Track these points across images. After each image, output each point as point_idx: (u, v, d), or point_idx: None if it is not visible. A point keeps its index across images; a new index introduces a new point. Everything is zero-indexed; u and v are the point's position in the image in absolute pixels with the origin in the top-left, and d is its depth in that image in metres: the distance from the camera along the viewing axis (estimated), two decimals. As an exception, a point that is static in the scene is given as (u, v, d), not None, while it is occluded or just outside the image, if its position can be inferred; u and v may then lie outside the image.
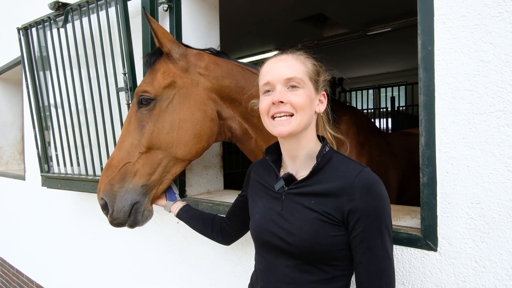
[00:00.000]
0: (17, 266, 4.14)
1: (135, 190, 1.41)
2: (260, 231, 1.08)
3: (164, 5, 1.95)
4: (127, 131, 1.45)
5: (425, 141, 1.14)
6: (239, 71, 1.53)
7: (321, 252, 0.97)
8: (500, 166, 1.01)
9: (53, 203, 3.26)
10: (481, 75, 1.03)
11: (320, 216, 0.97)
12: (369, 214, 0.94)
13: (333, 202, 0.97)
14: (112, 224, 1.44)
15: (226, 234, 1.42)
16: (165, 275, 2.19)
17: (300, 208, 1.01)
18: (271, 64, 1.07)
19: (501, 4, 1.00)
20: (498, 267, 1.03)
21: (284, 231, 1.01)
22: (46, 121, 2.70)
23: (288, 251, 1.00)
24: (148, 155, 1.41)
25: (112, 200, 1.40)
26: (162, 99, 1.42)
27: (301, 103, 1.00)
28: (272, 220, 1.05)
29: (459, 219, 1.09)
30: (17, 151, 4.73)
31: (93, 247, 2.82)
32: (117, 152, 1.43)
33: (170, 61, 1.47)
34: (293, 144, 1.06)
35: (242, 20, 4.68)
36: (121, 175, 1.40)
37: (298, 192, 1.03)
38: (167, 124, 1.41)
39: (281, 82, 1.02)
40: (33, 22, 2.55)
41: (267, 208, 1.08)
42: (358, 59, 7.31)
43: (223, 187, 2.28)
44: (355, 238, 0.96)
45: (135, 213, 1.42)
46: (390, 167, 2.07)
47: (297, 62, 1.04)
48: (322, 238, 0.96)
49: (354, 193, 0.95)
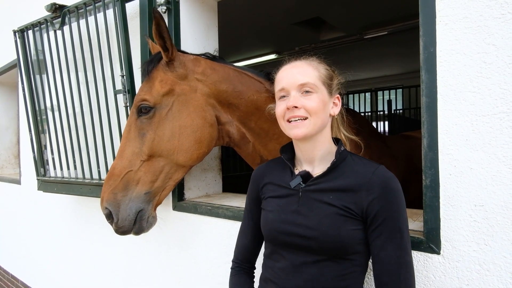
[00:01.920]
0: (13, 272, 4.09)
1: (138, 198, 1.41)
2: (275, 231, 1.08)
3: (162, 7, 1.93)
4: (127, 139, 1.45)
5: (428, 143, 1.13)
6: (236, 75, 1.54)
7: (340, 245, 0.99)
8: (504, 168, 1.01)
9: (49, 207, 3.22)
10: (484, 77, 1.03)
11: (339, 211, 1.00)
12: (388, 209, 0.97)
13: (352, 197, 1.01)
14: (117, 232, 1.43)
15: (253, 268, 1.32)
16: (163, 279, 2.16)
17: (318, 203, 1.03)
18: (285, 70, 1.12)
19: (504, 5, 0.99)
20: (502, 270, 1.02)
21: (302, 227, 1.02)
22: (42, 125, 2.67)
23: (307, 247, 1.02)
24: (150, 162, 1.42)
25: (117, 209, 1.40)
26: (162, 107, 1.43)
27: (314, 107, 1.03)
28: (288, 219, 1.06)
29: (463, 222, 1.08)
30: (13, 155, 4.68)
31: (90, 252, 2.79)
32: (119, 161, 1.43)
33: (169, 68, 1.46)
34: (308, 146, 1.09)
35: (240, 23, 4.68)
36: (124, 184, 1.40)
37: (316, 189, 1.05)
38: (168, 132, 1.41)
39: (295, 87, 1.06)
40: (29, 25, 2.52)
41: (281, 207, 1.09)
42: (355, 62, 7.33)
43: (222, 190, 2.26)
44: (374, 232, 0.99)
45: (140, 220, 1.43)
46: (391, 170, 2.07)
47: (310, 68, 1.08)
48: (342, 231, 0.99)
49: (373, 188, 0.99)
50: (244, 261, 1.27)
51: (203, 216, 1.87)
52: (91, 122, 2.18)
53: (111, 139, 2.09)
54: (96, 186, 2.24)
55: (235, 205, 1.78)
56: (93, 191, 2.27)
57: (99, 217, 2.64)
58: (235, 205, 1.79)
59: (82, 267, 2.90)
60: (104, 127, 2.12)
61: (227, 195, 2.12)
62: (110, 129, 2.09)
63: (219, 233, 1.81)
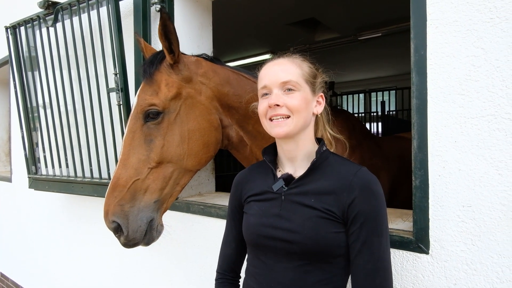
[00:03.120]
0: (2, 270, 4.05)
1: (148, 207, 1.35)
2: (257, 236, 1.06)
3: (156, 6, 1.93)
4: (131, 146, 1.36)
5: (418, 144, 1.15)
6: (235, 77, 1.52)
7: (323, 249, 0.98)
8: (491, 170, 1.02)
9: (41, 206, 3.20)
10: (473, 80, 1.05)
11: (321, 214, 0.99)
12: (368, 212, 0.96)
13: (333, 199, 0.99)
14: (127, 246, 1.34)
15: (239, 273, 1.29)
16: (157, 279, 2.16)
17: (300, 207, 1.02)
18: (268, 68, 1.10)
19: (493, 10, 1.01)
20: (489, 269, 1.04)
21: (284, 231, 1.01)
22: (34, 122, 2.64)
23: (290, 251, 1.00)
24: (159, 169, 1.36)
25: (126, 221, 1.31)
26: (170, 111, 1.38)
27: (296, 105, 1.01)
28: (270, 223, 1.04)
29: (451, 222, 1.09)
30: (3, 153, 4.63)
31: (82, 250, 2.77)
32: (123, 170, 1.34)
33: (174, 71, 1.41)
34: (291, 145, 1.07)
35: (235, 22, 4.68)
36: (131, 194, 1.32)
37: (298, 192, 1.04)
38: (177, 137, 1.37)
39: (277, 85, 1.04)
40: (21, 21, 2.50)
41: (263, 211, 1.07)
42: (349, 63, 7.38)
43: (215, 190, 2.26)
44: (353, 234, 0.97)
45: (150, 230, 1.36)
46: (382, 171, 2.09)
47: (293, 66, 1.06)
48: (324, 234, 0.97)
49: (354, 190, 0.98)
50: (228, 270, 1.24)
51: (195, 215, 1.87)
52: (84, 120, 2.17)
53: (104, 137, 2.08)
54: (88, 185, 2.23)
55: (227, 205, 1.78)
56: (85, 189, 2.25)
57: (91, 215, 2.62)
58: (228, 204, 1.79)
59: (72, 265, 2.88)
60: (97, 125, 2.11)
61: (219, 194, 2.12)
62: (102, 127, 2.08)
63: (211, 232, 1.82)
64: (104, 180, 2.13)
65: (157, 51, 1.48)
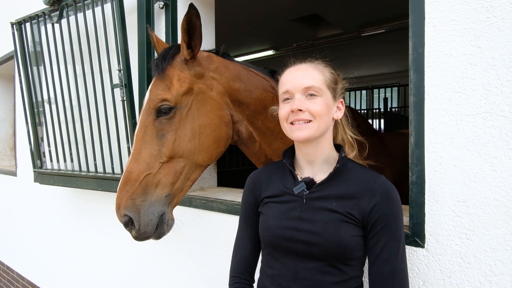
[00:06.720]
0: (8, 263, 4.11)
1: (159, 201, 1.36)
2: (278, 237, 1.07)
3: (160, 3, 1.95)
4: (143, 141, 1.37)
5: (415, 140, 1.17)
6: (245, 73, 1.52)
7: (343, 251, 1.00)
8: (486, 166, 1.05)
9: (45, 200, 3.25)
10: (469, 78, 1.07)
11: (342, 217, 1.02)
12: (388, 217, 1.00)
13: (355, 204, 1.02)
14: (138, 239, 1.36)
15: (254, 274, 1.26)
16: (159, 272, 2.20)
17: (322, 210, 1.04)
18: (290, 73, 1.12)
19: (489, 9, 1.03)
20: (483, 263, 1.06)
21: (306, 233, 1.03)
22: (39, 117, 2.68)
23: (311, 253, 1.02)
24: (170, 164, 1.37)
25: (137, 215, 1.33)
26: (182, 107, 1.38)
27: (319, 110, 1.04)
28: (291, 225, 1.06)
29: (446, 217, 1.12)
30: (8, 147, 4.69)
31: (86, 244, 2.82)
32: (135, 164, 1.35)
33: (187, 66, 1.41)
34: (311, 149, 1.10)
35: (237, 19, 4.69)
36: (143, 188, 1.33)
37: (319, 196, 1.06)
38: (189, 132, 1.38)
39: (300, 90, 1.06)
40: (27, 17, 2.53)
41: (283, 213, 1.08)
42: (352, 59, 7.36)
43: (217, 185, 2.29)
44: (373, 238, 1.01)
45: (162, 224, 1.38)
46: (386, 168, 2.10)
47: (316, 71, 1.08)
48: (345, 237, 1.00)
49: (375, 195, 1.02)
50: (245, 273, 1.22)
51: (197, 210, 1.91)
52: (88, 116, 2.20)
53: (108, 132, 2.12)
54: (92, 179, 2.27)
55: (229, 199, 1.81)
56: (89, 183, 2.29)
57: (95, 209, 2.67)
58: (229, 199, 1.83)
59: (77, 259, 2.93)
60: (101, 120, 2.14)
61: (221, 189, 2.15)
62: (106, 122, 2.11)
63: (213, 226, 1.85)
64: (108, 175, 2.17)
65: (169, 46, 1.48)
